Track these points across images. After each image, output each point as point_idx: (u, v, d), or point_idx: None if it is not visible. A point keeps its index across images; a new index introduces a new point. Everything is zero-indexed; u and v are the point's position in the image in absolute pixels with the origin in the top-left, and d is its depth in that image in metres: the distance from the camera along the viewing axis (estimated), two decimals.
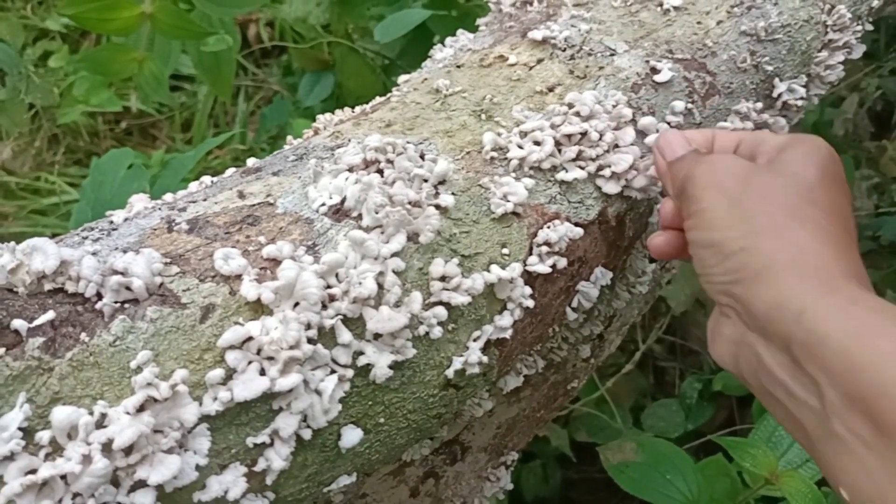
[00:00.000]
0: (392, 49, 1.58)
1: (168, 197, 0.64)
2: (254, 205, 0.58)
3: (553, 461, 1.57)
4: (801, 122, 1.69)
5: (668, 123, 0.69)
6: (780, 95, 0.78)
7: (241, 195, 0.59)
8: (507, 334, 0.59)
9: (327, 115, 0.77)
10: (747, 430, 1.20)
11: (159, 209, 0.60)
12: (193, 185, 0.68)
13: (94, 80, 2.00)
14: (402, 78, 0.78)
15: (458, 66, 0.73)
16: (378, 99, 0.76)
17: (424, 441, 0.69)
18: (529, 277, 0.61)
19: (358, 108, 0.76)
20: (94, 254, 0.50)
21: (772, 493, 1.02)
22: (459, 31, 0.82)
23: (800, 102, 0.80)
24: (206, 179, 0.68)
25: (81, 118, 2.01)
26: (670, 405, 1.54)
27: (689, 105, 0.71)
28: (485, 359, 0.57)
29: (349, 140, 0.64)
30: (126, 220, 0.59)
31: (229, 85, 1.62)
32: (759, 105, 0.75)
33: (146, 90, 1.38)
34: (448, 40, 0.81)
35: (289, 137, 0.76)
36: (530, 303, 0.60)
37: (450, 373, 0.57)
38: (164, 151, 1.89)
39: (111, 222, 0.59)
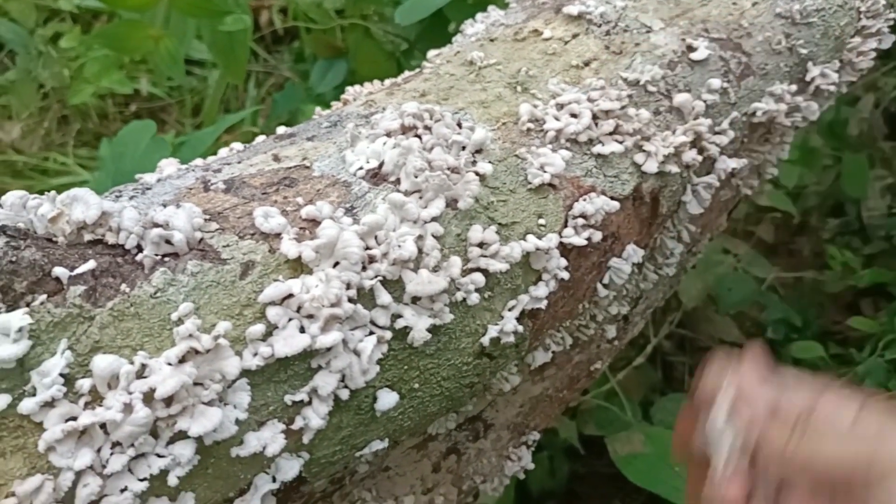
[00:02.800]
0: (409, 33, 1.57)
1: (199, 161, 0.64)
2: (290, 167, 0.57)
3: (560, 454, 1.56)
4: (817, 121, 1.68)
5: (704, 101, 0.68)
6: (813, 79, 0.78)
7: (277, 158, 0.58)
8: (542, 305, 0.58)
9: (356, 87, 0.77)
10: None
11: (192, 171, 0.59)
12: (223, 152, 0.67)
13: (105, 61, 1.99)
14: (431, 52, 0.78)
15: (492, 40, 0.73)
16: (409, 72, 0.75)
17: (450, 415, 0.68)
18: (564, 250, 0.60)
19: (388, 81, 0.75)
20: (133, 207, 0.49)
21: None
22: (490, 7, 0.81)
23: (832, 88, 0.79)
24: (237, 146, 0.67)
25: (91, 100, 2.00)
26: (680, 399, 1.53)
27: (725, 84, 0.70)
28: (520, 328, 0.57)
29: (384, 108, 0.64)
30: (159, 180, 0.59)
31: (243, 67, 1.61)
32: (794, 88, 0.75)
33: (162, 68, 1.37)
34: (479, 16, 0.80)
35: (317, 109, 0.76)
36: (565, 274, 0.59)
37: (485, 340, 0.56)
38: (173, 136, 1.88)
39: (143, 184, 0.58)
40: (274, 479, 0.49)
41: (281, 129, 0.67)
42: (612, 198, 0.63)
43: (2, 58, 2.13)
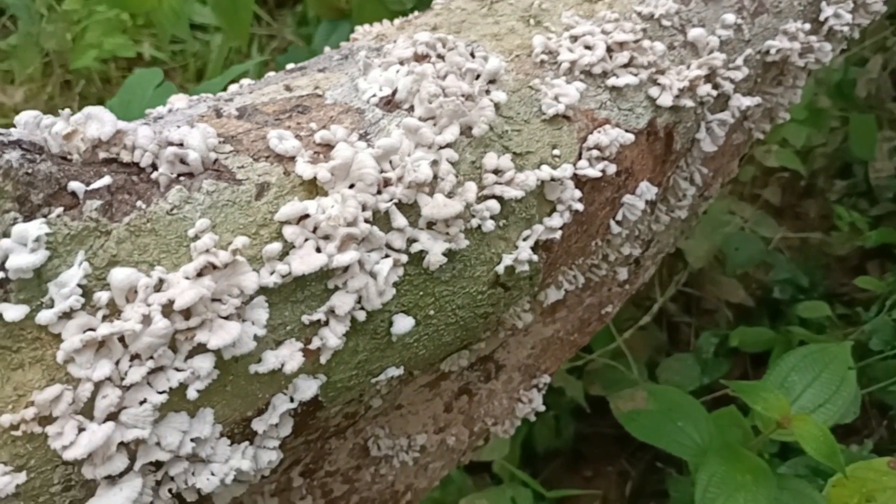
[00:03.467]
0: None
1: (209, 94, 0.63)
2: (302, 96, 0.57)
3: (566, 414, 1.57)
4: (825, 81, 1.67)
5: (718, 37, 0.68)
6: (826, 19, 0.77)
7: (288, 88, 0.58)
8: (557, 235, 0.58)
9: (365, 26, 0.76)
10: None
11: (204, 101, 0.58)
12: (234, 87, 0.67)
13: (107, 24, 1.98)
14: None
15: None
16: (418, 12, 0.75)
17: (463, 352, 0.68)
18: (578, 182, 0.60)
19: (398, 20, 0.74)
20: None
21: (784, 438, 1.01)
22: None
23: (845, 29, 0.78)
24: (246, 81, 0.67)
25: (94, 64, 1.99)
26: (686, 359, 1.54)
27: (739, 20, 0.69)
28: (534, 257, 0.56)
29: (396, 39, 0.63)
30: (170, 111, 0.58)
31: (247, 28, 1.59)
32: (807, 27, 0.74)
33: (166, 26, 1.36)
34: None
35: (326, 48, 0.75)
36: (580, 206, 0.59)
37: (500, 269, 0.56)
38: None
39: (155, 114, 0.58)
40: (292, 400, 0.49)
41: (290, 65, 0.67)
42: (626, 130, 0.62)
43: (4, 22, 2.11)
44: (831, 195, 1.77)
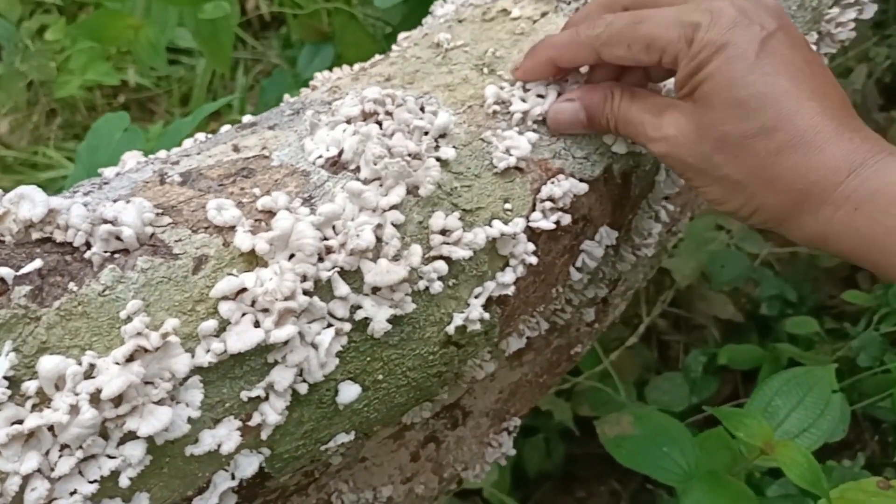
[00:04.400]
0: (393, 16, 1.55)
1: (161, 153, 0.63)
2: (248, 157, 0.56)
3: (556, 436, 1.56)
4: None
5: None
6: None
7: (236, 148, 0.57)
8: (510, 291, 0.57)
9: (325, 72, 0.76)
10: None
11: (151, 163, 0.58)
12: (188, 142, 0.66)
13: (91, 53, 1.98)
14: (401, 35, 0.76)
15: (460, 21, 0.71)
16: (377, 56, 0.74)
17: (425, 404, 0.68)
18: (533, 234, 0.59)
19: (357, 66, 0.74)
20: (84, 205, 0.48)
21: (769, 464, 1.01)
22: None
23: None
24: (201, 136, 0.66)
25: (79, 92, 1.99)
26: (674, 379, 1.52)
27: None
28: (486, 315, 0.56)
29: (347, 94, 0.62)
30: (118, 174, 0.58)
31: (228, 55, 1.59)
32: None
33: (143, 58, 1.36)
34: None
35: (286, 96, 0.74)
36: (533, 259, 0.58)
37: (450, 329, 0.55)
38: (162, 125, 1.87)
39: (103, 178, 0.57)
40: (233, 477, 0.48)
41: (246, 118, 0.66)
42: (581, 179, 0.62)
43: None
44: None
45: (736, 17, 0.51)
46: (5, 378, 0.41)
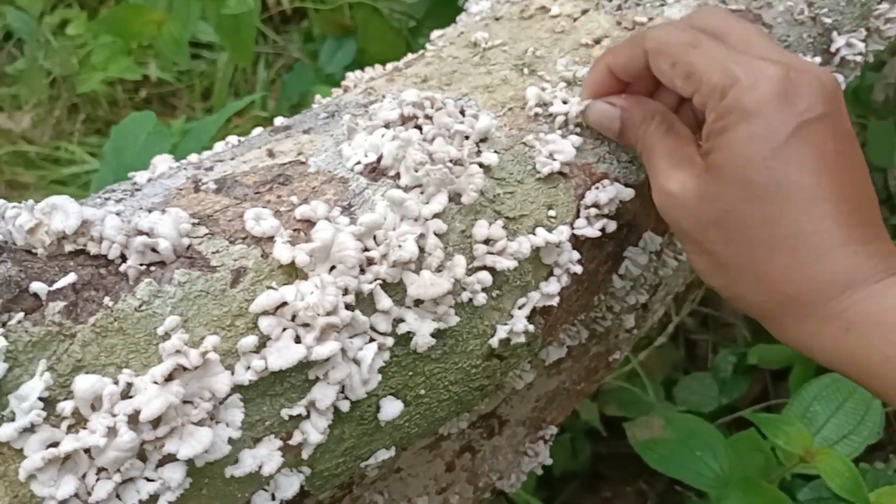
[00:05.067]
0: (417, 10, 1.53)
1: (193, 157, 0.61)
2: (284, 164, 0.54)
3: (582, 435, 1.54)
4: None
5: None
6: (838, 50, 0.73)
7: (271, 154, 0.56)
8: (554, 301, 0.55)
9: (357, 72, 0.73)
10: (782, 404, 1.17)
11: (184, 169, 0.56)
12: (219, 146, 0.64)
13: (113, 47, 1.97)
14: (435, 33, 0.74)
15: (497, 19, 0.69)
16: (411, 55, 0.72)
17: (462, 414, 0.66)
18: (576, 241, 0.57)
19: (390, 65, 0.72)
20: (117, 214, 0.47)
21: (807, 471, 0.98)
22: None
23: (858, 58, 0.75)
24: (233, 139, 0.64)
25: (100, 87, 1.98)
26: (703, 379, 1.50)
27: None
28: (531, 327, 0.54)
29: (383, 96, 0.61)
30: (150, 180, 0.56)
31: (250, 50, 1.58)
32: (818, 59, 0.70)
33: (166, 53, 1.35)
34: None
35: (317, 97, 0.72)
36: (578, 268, 0.56)
37: (494, 342, 0.53)
38: (184, 121, 1.86)
39: (134, 183, 0.56)
40: (273, 497, 0.46)
41: (278, 121, 0.64)
42: (626, 184, 0.59)
43: (9, 48, 2.11)
44: None
45: (780, 89, 0.45)
46: (40, 399, 0.39)
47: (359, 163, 0.53)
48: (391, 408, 0.49)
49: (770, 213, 0.46)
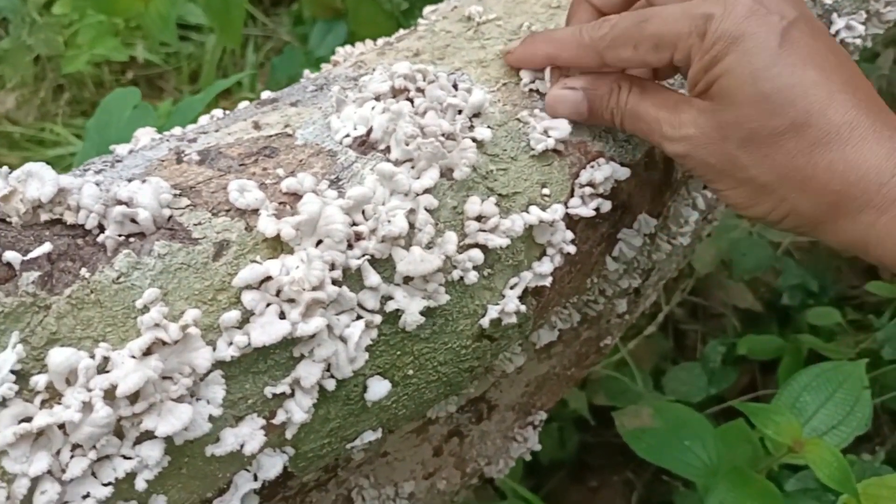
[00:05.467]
0: None
1: (177, 130, 0.59)
2: (270, 136, 0.53)
3: (570, 424, 1.53)
4: None
5: None
6: (838, 32, 0.72)
7: (257, 126, 0.54)
8: (547, 282, 0.54)
9: (347, 47, 0.72)
10: (770, 395, 1.16)
11: (167, 141, 0.54)
12: (204, 119, 0.63)
13: (99, 27, 1.94)
14: (428, 8, 0.72)
15: None
16: (402, 31, 0.70)
17: (450, 398, 0.64)
18: (570, 221, 0.56)
19: (381, 40, 0.70)
20: (96, 184, 0.45)
21: (795, 462, 0.98)
22: None
23: (857, 41, 0.74)
24: (218, 112, 0.63)
25: (87, 68, 1.95)
26: (692, 369, 1.49)
27: None
28: (522, 308, 0.52)
29: (374, 69, 0.59)
30: (131, 152, 0.54)
31: (239, 31, 1.56)
32: None
33: (153, 31, 1.33)
34: None
35: (305, 72, 0.71)
36: (572, 248, 0.55)
37: (485, 322, 0.52)
38: (170, 103, 1.83)
39: (115, 156, 0.54)
40: (256, 478, 0.45)
41: (265, 94, 0.63)
42: (622, 164, 0.58)
43: None
44: None
45: (752, 6, 0.46)
46: (12, 372, 0.37)
47: (348, 135, 0.52)
48: (378, 388, 0.48)
49: (795, 116, 0.46)
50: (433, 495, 0.71)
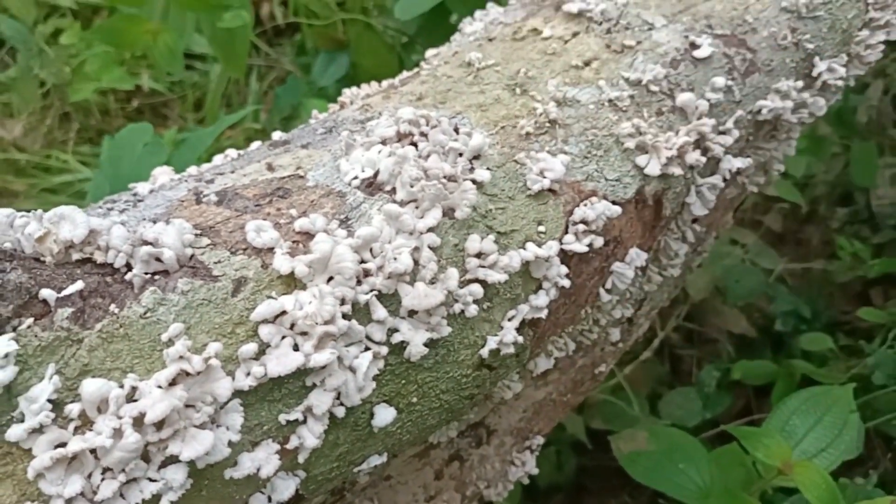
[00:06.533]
0: (409, 27, 1.55)
1: (193, 170, 0.63)
2: (284, 177, 0.56)
3: (567, 448, 1.56)
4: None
5: (708, 100, 0.67)
6: (819, 74, 0.76)
7: (271, 167, 0.57)
8: (543, 314, 0.57)
9: (353, 88, 0.75)
10: (764, 419, 1.19)
11: (185, 181, 0.58)
12: (218, 158, 0.66)
13: (106, 57, 1.98)
14: (430, 52, 0.76)
15: (490, 40, 0.71)
16: (406, 73, 0.74)
17: (452, 424, 0.67)
18: (565, 256, 0.59)
19: (385, 82, 0.74)
20: (122, 224, 0.48)
21: (787, 484, 1.00)
22: (489, 5, 0.79)
23: (839, 82, 0.77)
24: (232, 152, 0.66)
25: (93, 96, 1.99)
26: (688, 393, 1.52)
27: (729, 82, 0.68)
28: (520, 339, 0.56)
29: (380, 113, 0.62)
30: (151, 191, 0.58)
31: (243, 62, 1.59)
32: (800, 84, 0.73)
33: (160, 63, 1.36)
34: (477, 14, 0.79)
35: (314, 111, 0.74)
36: (566, 282, 0.58)
37: (484, 352, 0.55)
38: (175, 131, 1.87)
39: (135, 194, 0.57)
40: (270, 500, 0.48)
41: (276, 135, 0.66)
42: (613, 202, 0.62)
43: (2, 55, 2.12)
44: (833, 223, 1.75)
45: None
46: (49, 401, 0.40)
47: (356, 177, 0.55)
48: (385, 414, 0.51)
49: None
50: None
